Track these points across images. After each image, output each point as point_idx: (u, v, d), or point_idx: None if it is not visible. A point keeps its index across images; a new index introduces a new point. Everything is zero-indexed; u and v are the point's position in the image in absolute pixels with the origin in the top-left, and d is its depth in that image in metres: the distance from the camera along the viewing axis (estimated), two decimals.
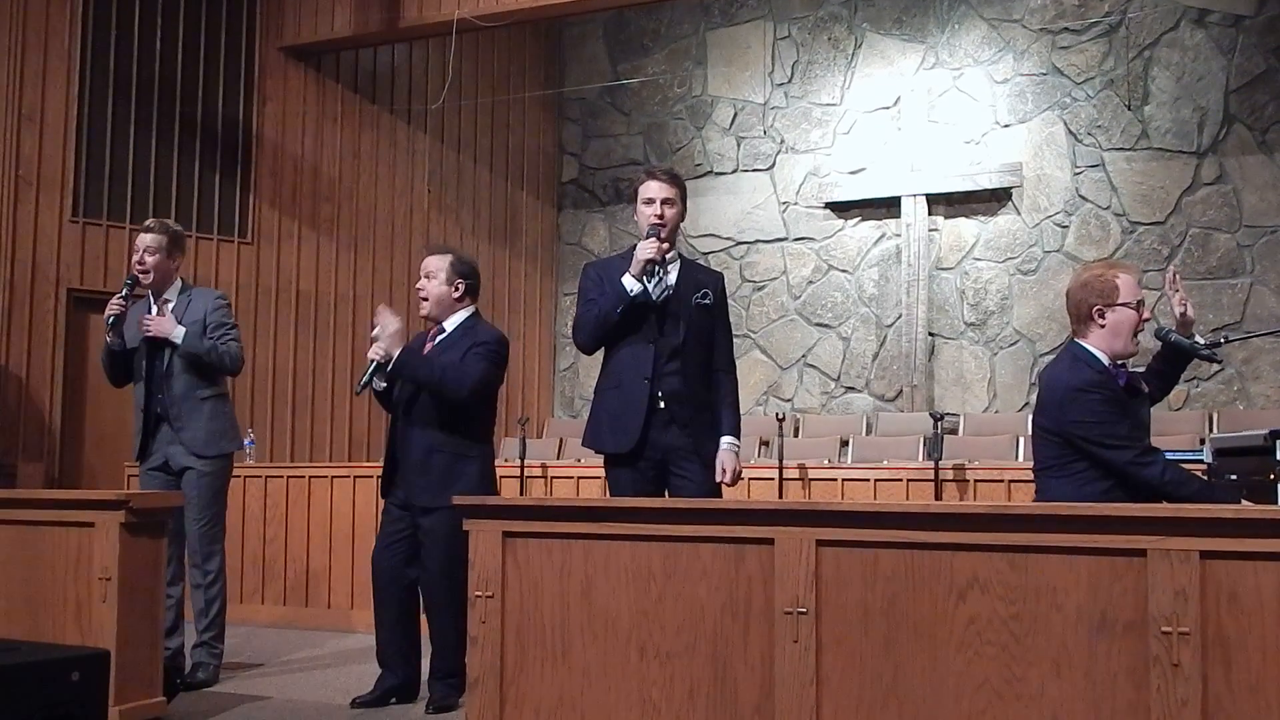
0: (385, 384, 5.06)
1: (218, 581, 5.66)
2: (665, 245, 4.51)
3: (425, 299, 5.11)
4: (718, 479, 4.48)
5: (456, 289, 5.09)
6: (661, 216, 4.53)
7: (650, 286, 4.52)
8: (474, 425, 5.03)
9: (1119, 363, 3.97)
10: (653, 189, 4.58)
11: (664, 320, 4.51)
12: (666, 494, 4.51)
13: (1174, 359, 4.25)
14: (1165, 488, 3.70)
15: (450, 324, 5.10)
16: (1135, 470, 3.74)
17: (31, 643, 4.33)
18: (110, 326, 5.62)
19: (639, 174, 4.76)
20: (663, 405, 4.46)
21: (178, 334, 5.55)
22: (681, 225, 4.72)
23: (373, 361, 5.03)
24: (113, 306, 5.60)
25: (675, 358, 4.48)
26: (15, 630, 4.70)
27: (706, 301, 4.56)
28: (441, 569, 4.93)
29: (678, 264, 4.62)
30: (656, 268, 4.49)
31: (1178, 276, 4.28)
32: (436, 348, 5.07)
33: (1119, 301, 3.93)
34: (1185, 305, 4.20)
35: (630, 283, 4.46)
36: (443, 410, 4.95)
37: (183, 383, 5.60)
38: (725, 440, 4.52)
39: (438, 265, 5.11)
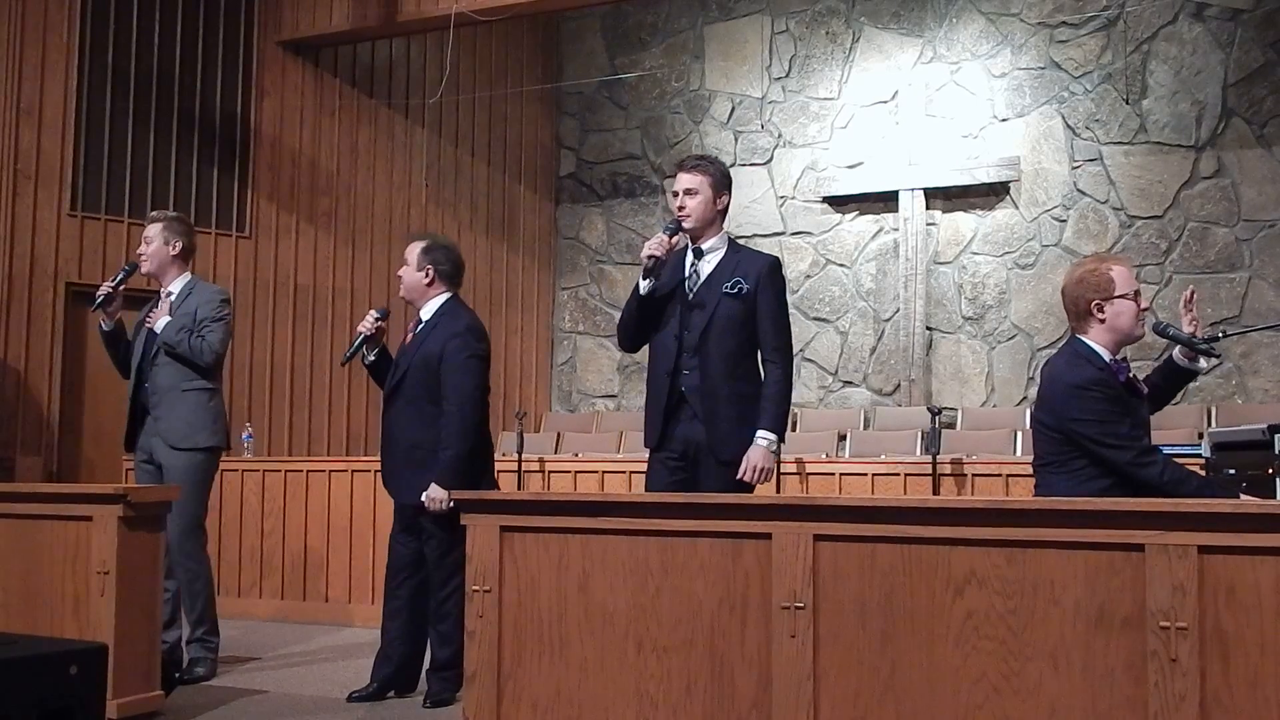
0: (375, 357, 5.12)
1: (199, 579, 5.56)
2: (675, 240, 4.45)
3: (402, 285, 5.15)
4: (739, 475, 4.31)
5: (426, 274, 5.09)
6: (682, 208, 4.49)
7: (685, 280, 4.46)
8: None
9: (1121, 358, 3.97)
10: (678, 181, 4.53)
11: (692, 312, 4.42)
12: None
13: (1173, 377, 4.25)
14: (1164, 488, 3.70)
15: (426, 311, 5.11)
16: (1134, 470, 3.73)
17: (29, 636, 4.34)
18: (97, 306, 5.62)
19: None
20: (686, 399, 4.40)
21: (159, 325, 5.53)
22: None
23: (360, 335, 5.08)
24: (104, 288, 5.61)
25: (697, 351, 4.38)
26: (13, 624, 4.71)
27: (736, 290, 4.40)
28: (439, 562, 4.95)
29: (720, 252, 4.50)
30: (656, 262, 4.42)
31: (1194, 296, 4.28)
32: (415, 339, 5.09)
33: (1116, 294, 3.92)
34: (1195, 326, 4.19)
35: (642, 281, 4.45)
36: (428, 406, 4.96)
37: (167, 373, 5.58)
38: (758, 434, 4.33)
39: (411, 251, 5.14)
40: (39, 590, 4.75)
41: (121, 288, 5.68)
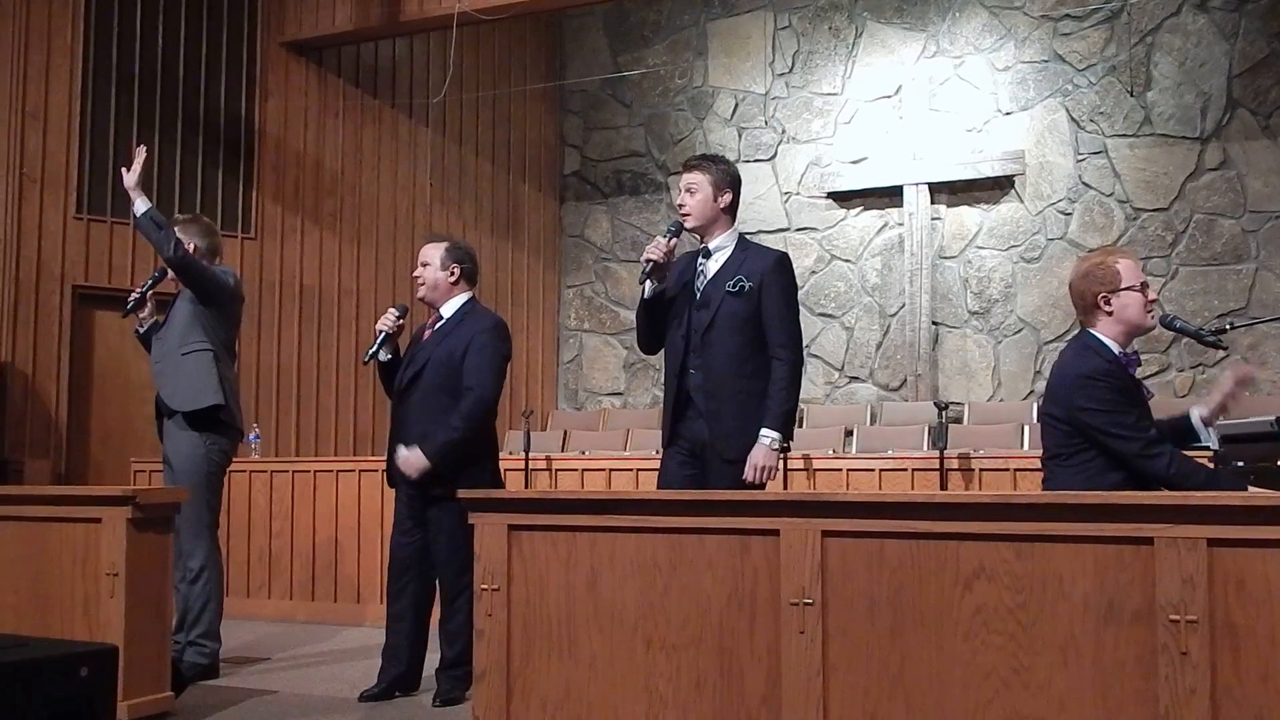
0: (390, 356, 5.13)
1: (201, 578, 5.49)
2: (673, 243, 4.44)
3: (422, 283, 5.13)
4: (745, 476, 4.26)
5: (452, 273, 5.12)
6: (682, 205, 4.49)
7: (695, 280, 4.46)
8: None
9: (1132, 351, 3.97)
10: (681, 180, 4.54)
11: (698, 311, 4.41)
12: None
13: (1180, 436, 4.18)
14: (1171, 481, 3.70)
15: (447, 310, 5.12)
16: (1141, 462, 3.73)
17: (40, 639, 4.34)
18: (128, 312, 5.74)
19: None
20: (693, 398, 4.39)
21: (140, 205, 5.41)
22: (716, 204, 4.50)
23: (381, 332, 5.09)
24: (133, 295, 5.72)
25: (701, 350, 4.38)
26: (24, 626, 4.72)
27: (738, 289, 4.37)
28: (447, 560, 4.96)
29: (728, 250, 4.49)
30: (654, 266, 4.41)
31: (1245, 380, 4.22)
32: (435, 335, 5.09)
33: (1122, 286, 3.92)
34: (1232, 397, 4.14)
35: (645, 284, 4.45)
36: (445, 400, 4.95)
37: (168, 337, 5.62)
38: (761, 433, 4.27)
39: (433, 252, 5.14)
40: (49, 593, 4.76)
41: (150, 293, 5.73)
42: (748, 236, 4.71)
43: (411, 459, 4.85)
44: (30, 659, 3.84)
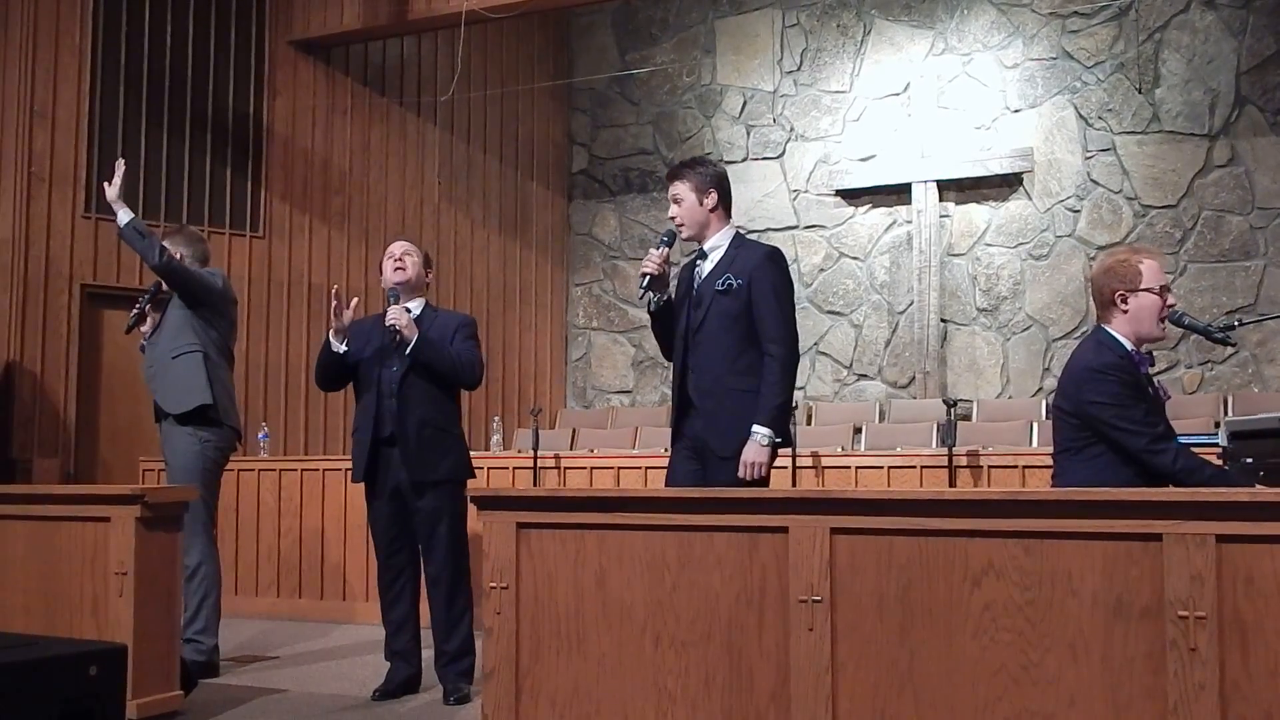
0: (345, 348, 5.19)
1: (197, 575, 5.49)
2: (665, 253, 4.44)
3: (405, 271, 5.22)
4: (738, 474, 4.21)
5: (428, 275, 5.38)
6: (673, 217, 4.50)
7: (694, 281, 4.47)
8: (455, 404, 5.25)
9: (1144, 350, 3.96)
10: (668, 193, 4.54)
11: (694, 312, 4.41)
12: None
13: None
14: (1177, 476, 3.70)
15: (414, 306, 5.24)
16: (1147, 457, 3.73)
17: (49, 638, 4.35)
18: (130, 327, 5.81)
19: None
20: (692, 396, 4.40)
21: (123, 217, 5.47)
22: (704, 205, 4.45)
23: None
24: (133, 311, 5.79)
25: (696, 349, 4.38)
26: (33, 625, 4.73)
27: (725, 287, 4.33)
28: (446, 551, 5.06)
29: (721, 250, 4.44)
30: (652, 280, 4.41)
31: None
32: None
33: (1141, 287, 3.92)
34: None
35: (650, 297, 4.47)
36: (435, 390, 5.10)
37: (162, 342, 5.67)
38: (753, 430, 4.21)
39: (415, 249, 5.34)
40: (58, 591, 4.77)
41: (149, 307, 5.77)
42: (753, 234, 4.71)
43: (399, 317, 5.04)
44: (39, 658, 3.85)
